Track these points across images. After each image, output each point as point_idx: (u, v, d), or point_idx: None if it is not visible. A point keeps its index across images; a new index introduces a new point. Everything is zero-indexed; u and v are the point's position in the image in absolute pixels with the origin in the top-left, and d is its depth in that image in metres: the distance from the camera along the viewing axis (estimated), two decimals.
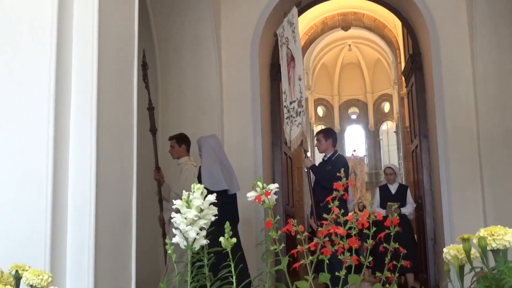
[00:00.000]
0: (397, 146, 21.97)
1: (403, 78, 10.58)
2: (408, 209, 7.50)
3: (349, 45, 23.21)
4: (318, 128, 24.58)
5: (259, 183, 1.75)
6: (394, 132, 23.23)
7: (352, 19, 13.25)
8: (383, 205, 7.61)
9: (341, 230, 1.70)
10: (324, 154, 6.66)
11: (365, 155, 25.25)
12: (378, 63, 23.88)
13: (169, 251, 1.71)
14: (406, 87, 9.74)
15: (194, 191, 1.68)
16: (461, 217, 6.60)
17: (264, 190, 1.71)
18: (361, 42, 22.43)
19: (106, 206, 2.97)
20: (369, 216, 1.79)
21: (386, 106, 25.09)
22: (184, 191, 1.77)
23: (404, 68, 9.18)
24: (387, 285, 1.97)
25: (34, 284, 1.69)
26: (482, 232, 1.53)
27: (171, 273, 5.82)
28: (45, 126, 2.68)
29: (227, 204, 5.32)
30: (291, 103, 6.78)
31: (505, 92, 6.60)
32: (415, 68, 8.03)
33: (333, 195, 1.84)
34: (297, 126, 6.57)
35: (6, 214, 2.61)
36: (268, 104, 7.95)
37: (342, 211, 1.79)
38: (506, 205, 6.35)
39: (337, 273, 1.75)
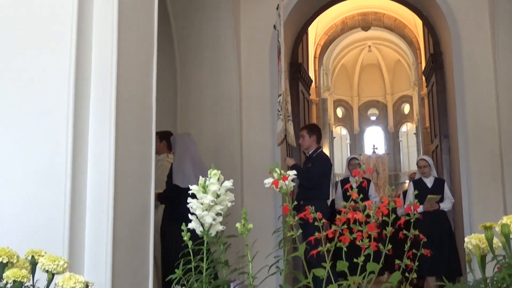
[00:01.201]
0: (416, 148, 21.80)
1: (423, 78, 10.50)
2: (447, 205, 6.97)
3: (369, 46, 23.11)
4: (337, 129, 24.54)
5: (277, 169, 1.73)
6: (414, 133, 23.06)
7: (372, 19, 13.21)
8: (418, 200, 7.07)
9: (359, 215, 1.67)
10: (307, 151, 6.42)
11: (387, 153, 24.93)
12: (398, 64, 23.75)
13: (185, 237, 1.70)
14: (426, 86, 9.66)
15: (210, 177, 1.66)
16: (482, 217, 6.46)
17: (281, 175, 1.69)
18: (381, 43, 22.32)
19: (124, 201, 2.97)
20: (388, 203, 1.76)
21: (406, 108, 24.92)
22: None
23: (425, 67, 9.10)
24: (406, 274, 1.94)
25: (50, 270, 1.68)
26: (505, 219, 1.50)
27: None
28: (64, 122, 2.69)
29: None
30: (278, 96, 6.65)
31: None
32: (436, 68, 7.96)
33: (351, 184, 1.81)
34: (281, 120, 6.40)
35: (25, 209, 2.62)
36: None
37: (361, 196, 1.76)
38: None
39: (355, 260, 1.72)
